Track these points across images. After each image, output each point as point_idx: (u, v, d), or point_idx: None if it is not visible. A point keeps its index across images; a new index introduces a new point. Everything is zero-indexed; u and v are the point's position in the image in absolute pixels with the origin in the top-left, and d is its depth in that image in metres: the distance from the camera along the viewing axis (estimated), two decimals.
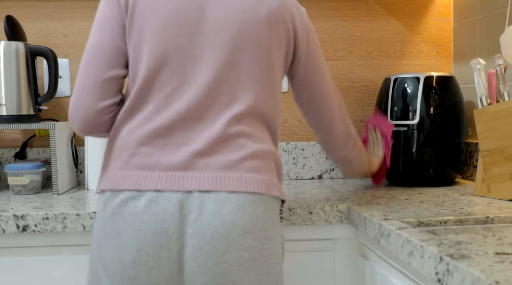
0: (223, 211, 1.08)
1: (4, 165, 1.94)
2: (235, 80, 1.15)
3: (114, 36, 1.18)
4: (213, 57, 1.14)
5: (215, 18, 1.15)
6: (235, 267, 1.08)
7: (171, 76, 1.14)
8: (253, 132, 1.15)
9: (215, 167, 1.10)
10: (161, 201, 1.08)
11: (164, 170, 1.10)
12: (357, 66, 2.08)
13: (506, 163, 1.48)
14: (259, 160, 1.14)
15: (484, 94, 1.56)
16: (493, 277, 0.79)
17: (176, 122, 1.13)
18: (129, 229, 1.09)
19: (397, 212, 1.33)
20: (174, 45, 1.14)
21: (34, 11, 1.99)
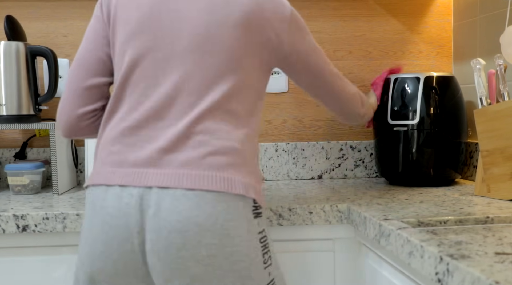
0: (179, 208, 1.10)
1: (4, 165, 1.94)
2: (200, 80, 1.17)
3: (96, 47, 1.27)
4: (180, 58, 1.18)
5: (182, 21, 1.19)
6: (192, 262, 1.11)
7: (142, 78, 1.19)
8: (218, 129, 1.16)
9: (176, 164, 1.13)
10: (124, 195, 1.13)
11: (130, 167, 1.15)
12: (357, 66, 2.08)
13: (506, 163, 1.48)
14: (222, 157, 1.14)
15: (484, 94, 1.56)
16: (493, 277, 0.79)
17: (143, 121, 1.17)
18: (97, 222, 1.15)
19: (397, 212, 1.33)
20: (144, 49, 1.20)
21: (34, 11, 1.99)
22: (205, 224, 1.10)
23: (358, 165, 2.07)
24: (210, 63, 1.18)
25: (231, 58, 1.19)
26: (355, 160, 2.07)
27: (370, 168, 2.08)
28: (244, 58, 1.20)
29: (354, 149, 2.07)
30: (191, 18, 1.19)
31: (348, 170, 2.07)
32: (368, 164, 2.07)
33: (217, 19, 1.18)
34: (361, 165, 2.07)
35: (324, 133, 2.08)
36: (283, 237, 1.47)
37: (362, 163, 2.07)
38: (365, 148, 2.07)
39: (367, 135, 2.09)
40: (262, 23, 1.22)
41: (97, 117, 1.29)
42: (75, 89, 1.27)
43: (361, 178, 2.06)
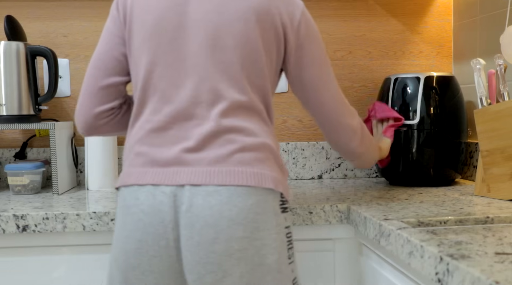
0: (211, 203, 1.13)
1: (4, 165, 1.94)
2: (219, 78, 1.20)
3: (111, 47, 1.29)
4: (195, 58, 1.20)
5: (194, 21, 1.21)
6: (225, 257, 1.13)
7: (160, 80, 1.22)
8: (244, 126, 1.18)
9: (205, 162, 1.16)
10: (157, 193, 1.15)
11: (160, 166, 1.18)
12: (357, 66, 2.08)
13: (506, 163, 1.48)
14: (250, 153, 1.17)
15: (484, 94, 1.56)
16: (493, 277, 0.79)
17: (169, 122, 1.20)
18: (131, 220, 1.17)
19: (397, 212, 1.33)
20: (160, 51, 1.22)
21: (34, 11, 1.99)
22: (237, 218, 1.12)
23: None
24: (226, 61, 1.20)
25: (244, 54, 1.20)
26: None
27: (370, 168, 2.07)
28: (257, 53, 1.21)
29: None
30: (202, 18, 1.21)
31: (348, 170, 2.07)
32: None
33: (227, 17, 1.20)
34: None
35: None
36: None
37: None
38: None
39: None
40: (272, 19, 1.22)
41: (114, 115, 1.31)
42: (91, 89, 1.29)
43: (361, 178, 2.06)
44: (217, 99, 1.19)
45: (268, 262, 1.15)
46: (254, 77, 1.22)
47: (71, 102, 2.01)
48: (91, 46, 2.00)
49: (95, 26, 2.00)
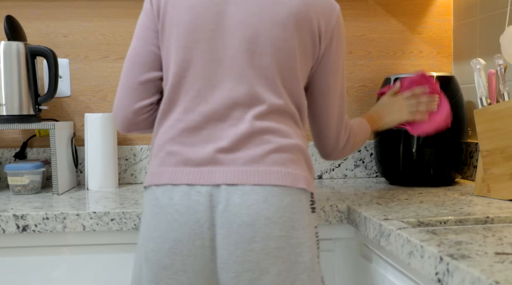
0: (248, 202, 1.14)
1: (4, 165, 1.94)
2: (256, 82, 1.21)
3: (148, 42, 1.28)
4: (233, 60, 1.21)
5: (233, 22, 1.22)
6: (263, 255, 1.14)
7: (195, 79, 1.22)
8: (278, 128, 1.21)
9: (241, 162, 1.17)
10: (193, 193, 1.16)
11: (195, 166, 1.18)
12: (357, 66, 2.08)
13: (506, 163, 1.48)
14: (284, 153, 1.19)
15: (484, 94, 1.56)
16: (493, 277, 0.79)
17: (203, 122, 1.20)
18: (165, 220, 1.17)
19: (397, 212, 1.33)
20: (196, 49, 1.22)
21: (34, 11, 1.99)
22: (273, 217, 1.14)
23: (358, 165, 2.07)
24: (263, 64, 1.21)
25: (282, 59, 1.22)
26: (355, 160, 2.07)
27: (370, 168, 2.08)
28: (294, 58, 1.23)
29: None
30: (241, 21, 1.21)
31: (348, 170, 2.07)
32: (368, 164, 2.07)
33: (266, 21, 1.21)
34: (361, 165, 2.07)
35: None
36: None
37: (362, 163, 2.07)
38: (365, 148, 2.07)
39: None
40: (310, 24, 1.24)
41: (153, 111, 1.30)
42: (131, 84, 1.28)
43: (361, 178, 2.06)
44: (254, 102, 1.20)
45: (303, 260, 1.17)
46: (289, 82, 1.24)
47: (71, 102, 2.01)
48: (91, 46, 2.01)
49: (95, 26, 2.00)
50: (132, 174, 2.01)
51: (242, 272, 1.15)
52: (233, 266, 1.15)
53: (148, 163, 1.31)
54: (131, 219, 1.43)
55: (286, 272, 1.15)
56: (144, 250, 1.21)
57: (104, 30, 2.01)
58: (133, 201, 1.59)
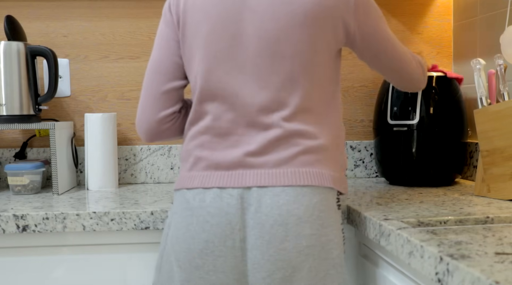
0: (279, 203, 1.18)
1: (4, 165, 1.94)
2: (280, 86, 1.24)
3: (171, 52, 1.31)
4: (255, 66, 1.24)
5: (251, 30, 1.24)
6: (294, 253, 1.18)
7: (220, 87, 1.25)
8: (305, 130, 1.23)
9: (270, 164, 1.21)
10: (224, 196, 1.20)
11: (225, 170, 1.22)
12: (357, 66, 2.08)
13: (506, 163, 1.48)
14: (312, 154, 1.23)
15: (484, 94, 1.56)
16: (493, 277, 0.79)
17: (230, 128, 1.25)
18: (196, 221, 1.21)
19: (397, 212, 1.33)
20: (219, 59, 1.25)
21: (34, 11, 1.99)
22: (304, 216, 1.18)
23: (358, 165, 2.07)
24: (284, 67, 1.23)
25: (304, 60, 1.24)
26: (355, 160, 2.07)
27: (370, 168, 2.08)
28: (316, 56, 1.25)
29: (354, 149, 2.07)
30: (258, 27, 1.23)
31: (348, 170, 2.07)
32: (368, 164, 2.07)
33: (283, 25, 1.22)
34: (361, 165, 2.07)
35: None
36: None
37: (362, 163, 2.07)
38: (365, 148, 2.07)
39: (367, 135, 2.09)
40: (328, 14, 1.24)
41: (176, 119, 1.34)
42: (154, 94, 1.31)
43: (361, 178, 2.06)
44: (279, 106, 1.23)
45: (332, 256, 1.21)
46: (314, 80, 1.25)
47: (71, 102, 2.01)
48: (91, 46, 2.01)
49: (95, 26, 2.00)
50: (132, 174, 2.01)
51: (274, 270, 1.18)
52: (266, 265, 1.18)
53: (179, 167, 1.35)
54: (131, 219, 1.43)
55: (317, 269, 1.20)
56: (174, 250, 1.24)
57: (104, 30, 2.01)
58: (133, 201, 1.59)
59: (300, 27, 1.22)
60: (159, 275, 1.30)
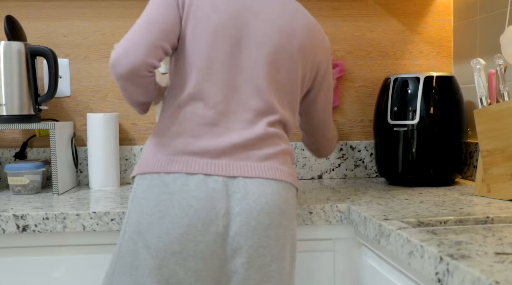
0: (265, 192, 1.24)
1: (4, 165, 1.94)
2: (272, 94, 1.32)
3: (176, 18, 1.31)
4: (254, 70, 1.31)
5: (258, 36, 1.32)
6: (274, 241, 1.23)
7: (217, 79, 1.29)
8: (282, 135, 1.34)
9: (254, 158, 1.27)
10: (210, 181, 1.22)
11: (212, 158, 1.24)
12: (357, 66, 2.08)
13: (506, 163, 1.48)
14: (286, 156, 1.33)
15: (484, 94, 1.56)
16: (493, 277, 0.79)
17: (220, 120, 1.28)
18: (178, 205, 1.20)
19: (397, 212, 1.33)
20: (221, 52, 1.30)
21: (34, 11, 1.99)
22: (283, 207, 1.26)
23: (358, 165, 2.07)
24: (279, 80, 1.33)
25: (292, 79, 1.35)
26: (355, 160, 2.07)
27: (370, 168, 2.08)
28: (298, 83, 1.37)
29: (354, 149, 2.07)
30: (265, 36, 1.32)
31: (348, 170, 2.07)
32: (368, 164, 2.07)
33: (284, 42, 1.33)
34: (361, 165, 2.07)
35: None
36: None
37: (362, 163, 2.07)
38: (365, 148, 2.07)
39: (367, 135, 2.09)
40: (314, 50, 1.40)
41: (152, 76, 1.29)
42: (150, 42, 1.26)
43: (361, 178, 2.06)
44: (268, 111, 1.31)
45: (294, 249, 1.29)
46: (292, 99, 1.38)
47: (71, 102, 2.01)
48: (91, 46, 2.01)
49: (95, 26, 2.00)
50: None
51: (255, 257, 1.21)
52: (248, 251, 1.21)
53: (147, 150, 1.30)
54: None
55: (286, 259, 1.26)
56: (142, 237, 1.21)
57: (104, 30, 2.01)
58: None
59: (296, 49, 1.35)
60: (115, 266, 1.25)
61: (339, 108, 2.06)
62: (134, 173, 1.30)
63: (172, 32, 1.30)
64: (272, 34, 1.32)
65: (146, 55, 1.25)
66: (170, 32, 1.30)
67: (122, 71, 1.26)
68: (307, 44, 1.38)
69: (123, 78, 1.27)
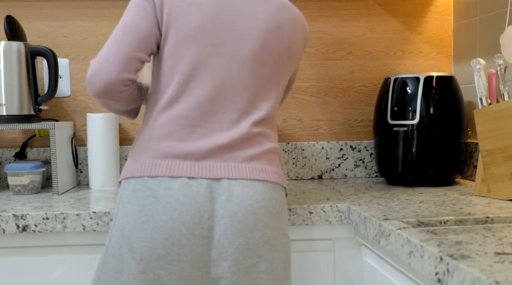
0: (250, 193, 1.22)
1: (4, 165, 1.94)
2: (257, 91, 1.30)
3: (152, 24, 1.27)
4: (240, 68, 1.29)
5: (238, 34, 1.29)
6: (261, 243, 1.22)
7: (202, 79, 1.27)
8: (268, 133, 1.31)
9: (239, 159, 1.25)
10: (193, 184, 1.20)
11: (195, 160, 1.23)
12: (357, 66, 2.08)
13: (506, 163, 1.48)
14: (273, 155, 1.31)
15: (484, 94, 1.56)
16: (493, 277, 0.79)
17: (204, 121, 1.26)
18: (163, 209, 1.19)
19: (397, 212, 1.33)
20: (206, 52, 1.27)
21: (34, 11, 1.99)
22: (269, 208, 1.24)
23: (358, 165, 2.07)
24: (264, 75, 1.31)
25: (277, 73, 1.33)
26: (355, 160, 2.07)
27: (370, 168, 2.08)
28: (283, 73, 1.36)
29: (354, 149, 2.07)
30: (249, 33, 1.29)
31: (348, 170, 2.07)
32: (368, 164, 2.07)
33: (270, 38, 1.31)
34: (361, 165, 2.07)
35: (324, 133, 2.08)
36: None
37: (362, 163, 2.07)
38: (365, 148, 2.07)
39: (367, 135, 2.09)
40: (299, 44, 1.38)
41: (130, 88, 1.28)
42: (126, 53, 1.25)
43: (361, 178, 2.06)
44: (252, 110, 1.29)
45: (286, 249, 1.27)
46: (278, 94, 1.35)
47: (71, 102, 2.01)
48: (91, 46, 2.01)
49: (95, 26, 2.00)
50: None
51: (241, 259, 1.20)
52: (234, 254, 1.20)
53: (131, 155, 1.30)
54: None
55: (278, 260, 1.24)
56: (127, 242, 1.20)
57: (104, 30, 2.01)
58: None
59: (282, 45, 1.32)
60: (101, 272, 1.24)
61: (339, 108, 2.06)
62: (120, 178, 1.29)
63: (148, 39, 1.27)
64: (255, 32, 1.29)
65: (119, 71, 1.24)
66: (146, 39, 1.26)
67: (97, 89, 1.25)
68: (293, 40, 1.35)
69: (98, 96, 1.27)
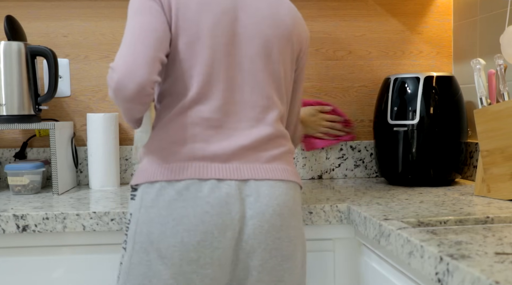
0: (276, 193, 1.23)
1: (4, 165, 1.94)
2: (271, 87, 1.31)
3: (165, 24, 1.25)
4: (251, 65, 1.29)
5: (249, 30, 1.30)
6: (286, 242, 1.24)
7: (219, 80, 1.27)
8: (285, 133, 1.34)
9: (262, 160, 1.26)
10: (223, 186, 1.20)
11: (222, 162, 1.23)
12: (357, 66, 2.08)
13: (506, 163, 1.48)
14: (290, 155, 1.33)
15: (484, 94, 1.56)
16: (493, 277, 0.79)
17: (226, 121, 1.26)
18: (194, 213, 1.18)
19: (397, 212, 1.33)
20: (219, 52, 1.27)
21: (34, 11, 1.99)
22: (292, 208, 1.26)
23: (358, 165, 2.07)
24: (275, 71, 1.32)
25: (285, 69, 1.35)
26: (355, 160, 2.07)
27: (370, 168, 2.08)
28: (290, 70, 1.37)
29: (354, 149, 2.07)
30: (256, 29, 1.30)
31: (348, 170, 2.07)
32: (368, 164, 2.07)
33: (276, 33, 1.32)
34: (361, 165, 2.07)
35: None
36: None
37: (362, 163, 2.07)
38: (365, 148, 2.07)
39: (367, 135, 2.09)
40: (298, 38, 1.38)
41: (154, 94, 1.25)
42: (151, 56, 1.20)
43: (361, 178, 2.06)
44: (270, 106, 1.30)
45: (305, 248, 1.31)
46: (287, 90, 1.37)
47: (71, 102, 2.01)
48: (91, 46, 2.01)
49: (95, 26, 2.00)
50: (132, 174, 2.01)
51: (268, 259, 1.22)
52: (261, 254, 1.21)
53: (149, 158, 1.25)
54: None
55: (301, 258, 1.28)
56: (156, 247, 1.18)
57: (104, 30, 2.01)
58: None
59: (286, 40, 1.33)
60: (127, 278, 1.22)
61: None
62: (139, 181, 1.24)
63: (165, 39, 1.23)
64: (261, 26, 1.30)
65: (149, 72, 1.18)
66: (163, 39, 1.23)
67: (129, 93, 1.18)
68: (294, 32, 1.36)
69: (130, 100, 1.20)
